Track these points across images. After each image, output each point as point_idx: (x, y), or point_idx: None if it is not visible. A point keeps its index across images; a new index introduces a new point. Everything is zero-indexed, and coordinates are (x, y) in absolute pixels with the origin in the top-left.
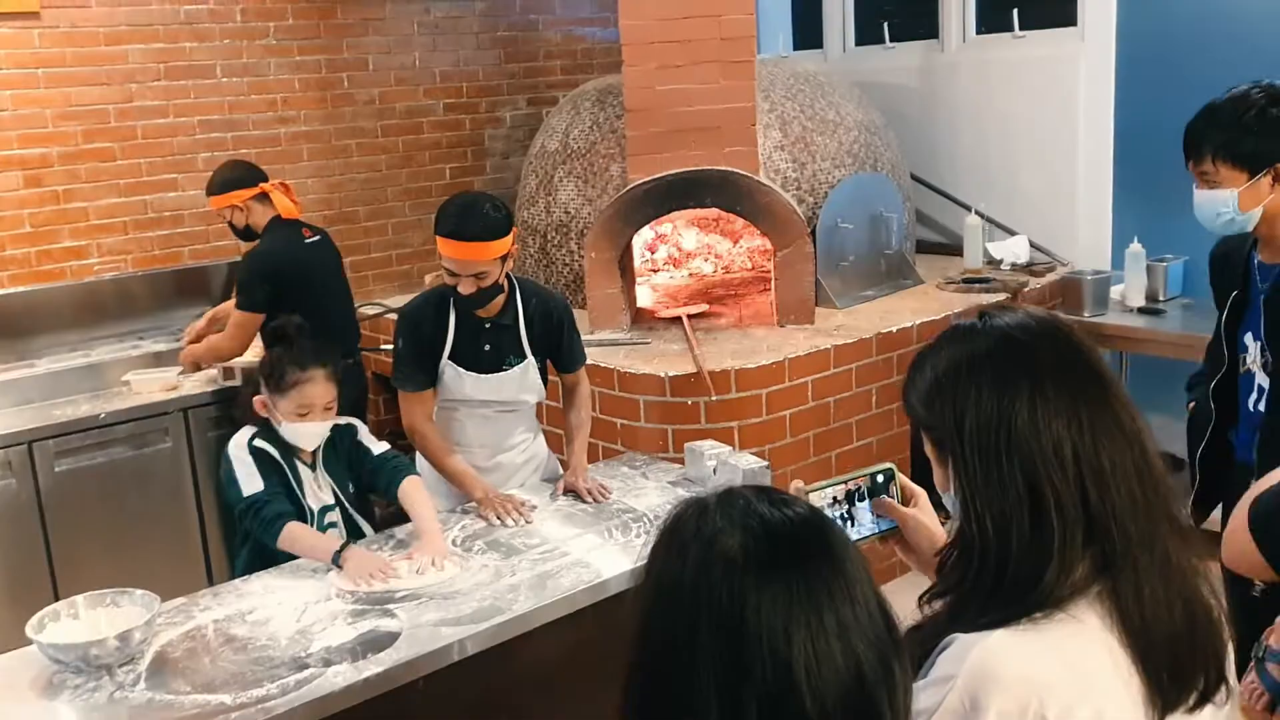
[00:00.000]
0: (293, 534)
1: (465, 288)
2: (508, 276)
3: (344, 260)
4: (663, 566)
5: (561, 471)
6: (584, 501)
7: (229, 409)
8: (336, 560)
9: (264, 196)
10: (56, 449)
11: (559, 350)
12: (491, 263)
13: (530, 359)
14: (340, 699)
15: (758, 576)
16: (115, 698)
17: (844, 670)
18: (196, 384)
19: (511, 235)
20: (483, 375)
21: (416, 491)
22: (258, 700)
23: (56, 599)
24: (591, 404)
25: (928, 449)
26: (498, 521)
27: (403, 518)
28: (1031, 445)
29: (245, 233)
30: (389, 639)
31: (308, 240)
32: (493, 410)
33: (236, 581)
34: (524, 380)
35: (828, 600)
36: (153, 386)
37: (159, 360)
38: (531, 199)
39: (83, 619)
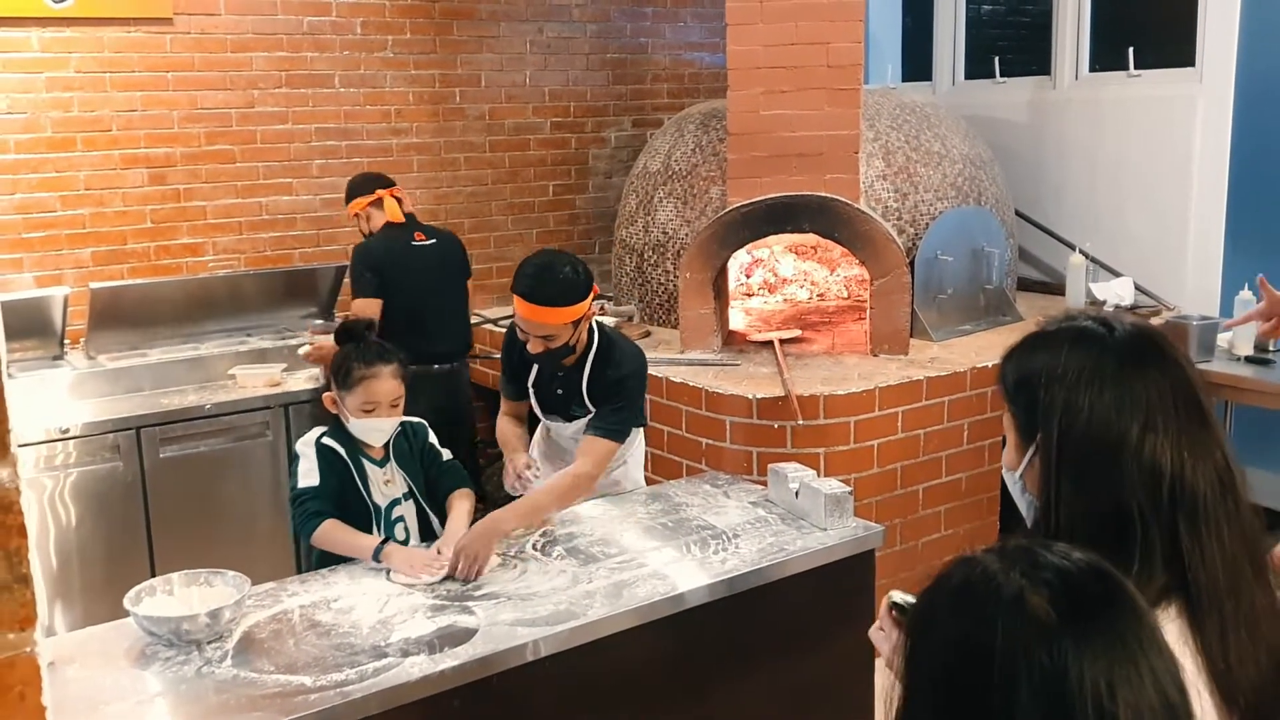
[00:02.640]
0: (327, 533)
1: (533, 347)
2: (596, 326)
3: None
4: (958, 632)
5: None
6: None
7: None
8: (377, 557)
9: (380, 203)
10: (162, 436)
11: (599, 406)
12: (560, 327)
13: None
14: (416, 689)
15: (1074, 634)
16: (202, 672)
17: (1163, 717)
18: (299, 381)
19: (588, 300)
20: (557, 421)
21: (461, 501)
22: (336, 684)
23: (153, 577)
24: (578, 492)
25: (1006, 422)
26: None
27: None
28: (1131, 469)
29: (368, 237)
30: (466, 635)
31: (416, 243)
32: (568, 439)
33: (323, 571)
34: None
35: (1139, 650)
36: (257, 381)
37: (265, 356)
38: (631, 218)
39: (177, 595)
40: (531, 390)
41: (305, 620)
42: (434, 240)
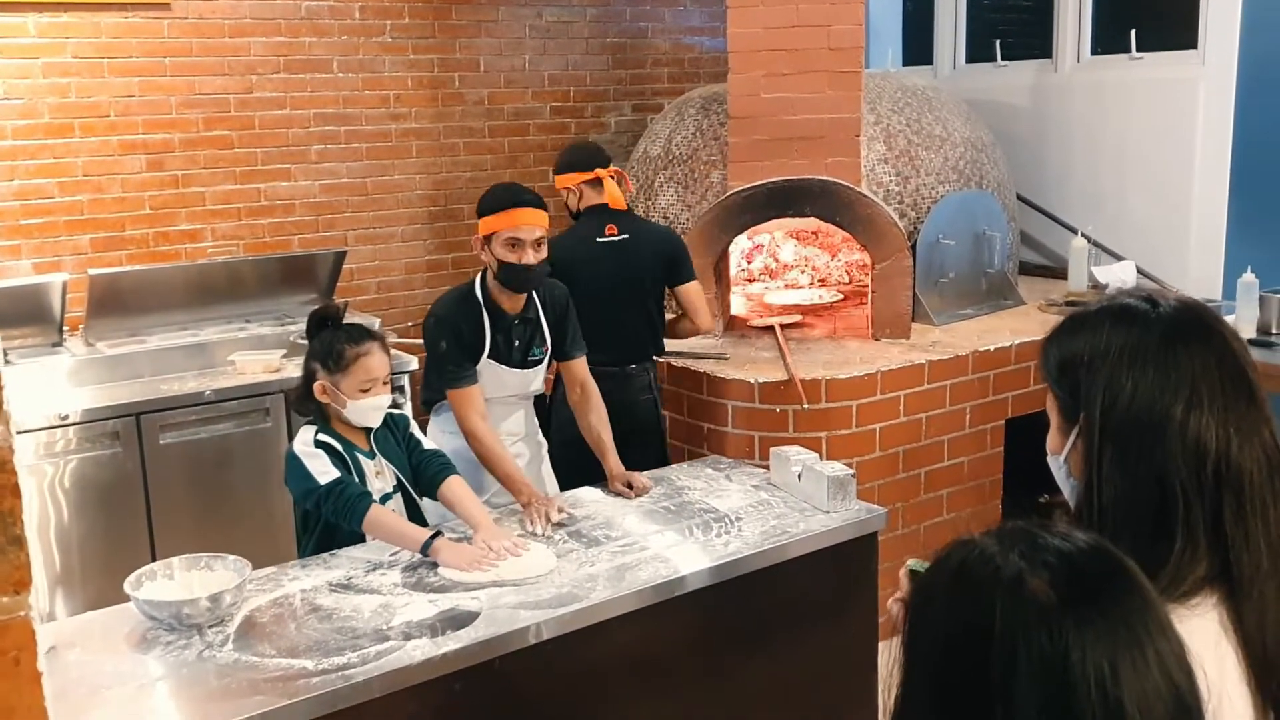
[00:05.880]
0: (378, 517)
1: (529, 258)
2: None
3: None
4: (957, 614)
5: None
6: (628, 494)
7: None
8: (425, 551)
9: (597, 182)
10: (162, 422)
11: (564, 336)
12: (545, 231)
13: (550, 346)
14: (418, 672)
15: (1076, 617)
16: (204, 656)
17: (1169, 701)
18: (298, 367)
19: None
20: (517, 370)
21: (462, 489)
22: (338, 668)
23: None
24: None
25: (1049, 405)
26: (538, 530)
27: None
28: (1175, 447)
29: (574, 215)
30: (468, 618)
31: (603, 239)
32: (516, 399)
33: (324, 555)
34: (544, 369)
35: (1145, 633)
36: (256, 367)
37: (264, 342)
38: (631, 203)
39: (178, 580)
40: (489, 360)
41: (306, 604)
42: (625, 236)
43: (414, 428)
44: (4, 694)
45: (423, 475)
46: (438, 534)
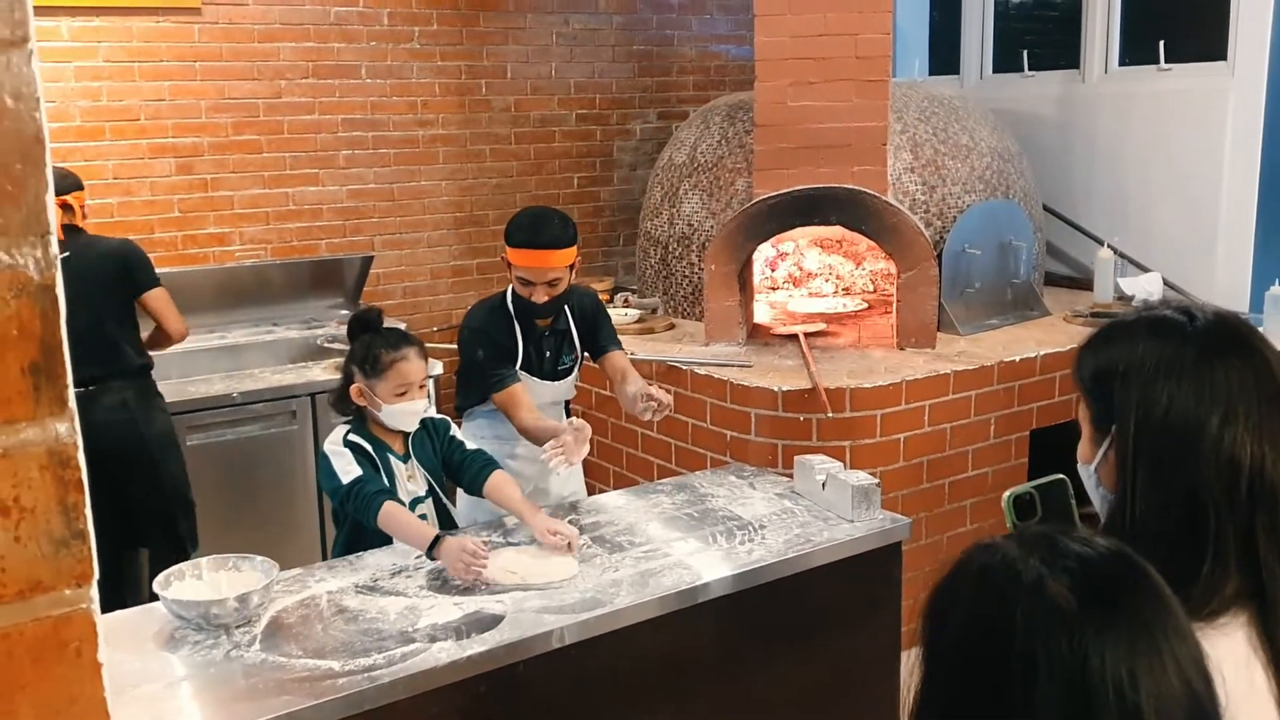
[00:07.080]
0: (391, 513)
1: (540, 297)
2: None
3: (136, 277)
4: (977, 619)
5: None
6: (656, 400)
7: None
8: (430, 554)
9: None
10: (190, 424)
11: (597, 336)
12: (563, 270)
13: (579, 354)
14: (443, 674)
15: (1095, 622)
16: (231, 656)
17: (1187, 707)
18: (324, 370)
19: (577, 247)
20: (548, 382)
21: (507, 483)
22: (364, 669)
23: None
24: None
25: (1081, 414)
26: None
27: None
28: (1208, 463)
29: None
30: (493, 621)
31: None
32: (548, 406)
33: (350, 557)
34: (574, 377)
35: (1163, 638)
36: None
37: (291, 346)
38: (655, 210)
39: (206, 580)
40: (521, 371)
41: (333, 605)
42: (66, 254)
43: (454, 430)
44: (67, 684)
45: (465, 473)
46: (440, 538)
